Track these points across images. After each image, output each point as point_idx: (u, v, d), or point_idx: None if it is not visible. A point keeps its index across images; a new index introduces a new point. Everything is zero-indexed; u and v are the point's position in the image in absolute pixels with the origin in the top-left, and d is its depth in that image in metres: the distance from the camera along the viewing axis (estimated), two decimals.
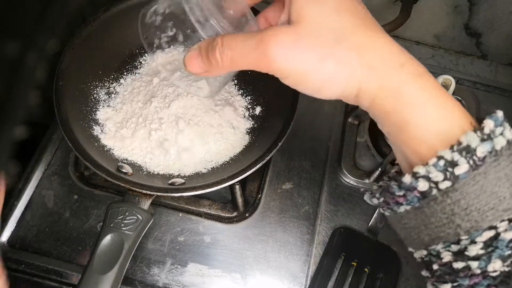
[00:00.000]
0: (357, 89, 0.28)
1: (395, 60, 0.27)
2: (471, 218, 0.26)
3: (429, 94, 0.27)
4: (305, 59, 0.27)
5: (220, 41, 0.28)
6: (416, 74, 0.27)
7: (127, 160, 0.48)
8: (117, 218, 0.41)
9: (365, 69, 0.27)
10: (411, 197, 0.27)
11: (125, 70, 0.55)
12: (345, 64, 0.27)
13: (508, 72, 0.70)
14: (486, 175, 0.25)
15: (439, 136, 0.26)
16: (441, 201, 0.26)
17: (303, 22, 0.27)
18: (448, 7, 0.64)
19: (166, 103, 0.49)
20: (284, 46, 0.27)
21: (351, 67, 0.27)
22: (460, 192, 0.26)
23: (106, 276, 0.38)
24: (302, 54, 0.27)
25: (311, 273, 0.49)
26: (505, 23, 0.64)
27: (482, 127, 0.26)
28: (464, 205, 0.26)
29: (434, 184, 0.26)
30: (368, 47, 0.27)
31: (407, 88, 0.27)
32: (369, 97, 0.28)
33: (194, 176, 0.48)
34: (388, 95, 0.27)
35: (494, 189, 0.25)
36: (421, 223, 0.28)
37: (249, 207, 0.53)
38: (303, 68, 0.27)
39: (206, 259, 0.49)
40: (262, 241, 0.50)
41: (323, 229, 0.52)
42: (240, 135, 0.51)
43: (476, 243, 0.26)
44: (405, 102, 0.27)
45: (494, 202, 0.25)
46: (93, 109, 0.51)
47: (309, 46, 0.27)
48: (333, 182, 0.55)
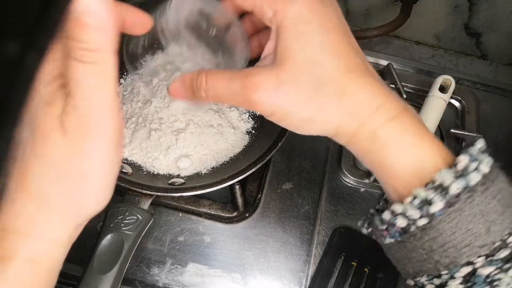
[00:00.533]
0: (335, 130, 0.29)
1: (372, 103, 0.28)
2: (448, 254, 0.26)
3: (404, 134, 0.28)
4: (286, 103, 0.28)
5: (204, 81, 0.30)
6: (392, 116, 0.28)
7: (127, 160, 0.48)
8: (117, 218, 0.41)
9: (343, 114, 0.28)
10: (393, 231, 0.28)
11: (125, 71, 0.55)
12: (323, 109, 0.28)
13: (508, 72, 0.70)
14: (461, 212, 0.26)
15: (413, 175, 0.27)
16: (420, 237, 0.27)
17: (286, 64, 0.28)
18: (448, 7, 0.64)
19: (166, 103, 0.49)
20: (266, 92, 0.28)
21: (329, 112, 0.28)
22: (437, 229, 0.26)
23: (106, 276, 0.38)
24: (283, 99, 0.28)
25: (311, 273, 0.49)
26: (505, 23, 0.64)
27: (456, 163, 0.26)
28: (441, 241, 0.26)
29: (412, 221, 0.27)
30: (346, 92, 0.28)
31: (382, 131, 0.28)
32: (346, 137, 0.29)
33: (194, 176, 0.48)
34: (364, 138, 0.28)
35: (469, 226, 0.26)
36: (405, 256, 0.29)
37: (249, 207, 0.53)
38: (284, 111, 0.28)
39: (206, 259, 0.49)
40: (262, 241, 0.50)
41: (323, 229, 0.52)
42: (240, 135, 0.51)
43: (455, 278, 0.27)
44: (380, 144, 0.28)
45: (470, 238, 0.26)
46: None
47: (290, 92, 0.28)
48: (333, 182, 0.55)
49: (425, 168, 0.27)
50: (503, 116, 0.64)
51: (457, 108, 0.64)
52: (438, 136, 0.59)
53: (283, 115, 0.29)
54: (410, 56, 0.71)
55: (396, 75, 0.60)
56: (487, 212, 0.26)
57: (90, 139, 0.24)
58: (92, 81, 0.23)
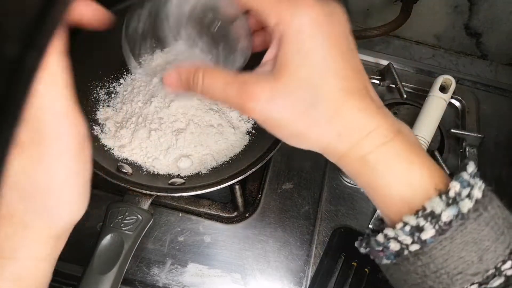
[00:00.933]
0: (324, 148, 0.29)
1: (364, 127, 0.27)
2: (442, 280, 0.26)
3: (394, 159, 0.27)
4: (278, 116, 0.28)
5: (200, 78, 0.29)
6: (384, 141, 0.27)
7: (127, 160, 0.48)
8: (117, 218, 0.41)
9: (334, 135, 0.28)
10: (388, 253, 0.28)
11: (125, 70, 0.55)
12: (313, 127, 0.28)
13: (508, 72, 0.70)
14: (452, 240, 0.25)
15: (404, 202, 0.27)
16: (413, 262, 0.26)
17: (283, 77, 0.27)
18: (448, 7, 0.64)
19: (166, 103, 0.49)
20: (260, 102, 0.28)
21: (320, 131, 0.28)
22: (429, 256, 0.26)
23: (106, 276, 0.38)
24: (275, 111, 0.28)
25: (311, 273, 0.49)
26: (505, 23, 0.64)
27: (447, 190, 0.26)
28: (433, 268, 0.26)
29: (405, 246, 0.26)
30: (339, 114, 0.27)
31: (372, 155, 0.27)
32: (335, 157, 0.29)
33: (194, 176, 0.48)
34: (354, 160, 0.28)
35: (462, 254, 0.25)
36: (401, 277, 0.28)
37: (249, 207, 0.53)
38: (275, 122, 0.28)
39: (206, 259, 0.49)
40: (262, 241, 0.50)
41: (323, 229, 0.52)
42: (240, 135, 0.51)
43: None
44: (370, 168, 0.27)
45: (462, 266, 0.25)
46: (93, 109, 0.51)
47: (283, 106, 0.27)
48: (333, 182, 0.55)
49: (416, 194, 0.26)
50: (503, 116, 0.64)
51: (458, 108, 0.64)
52: (439, 136, 0.59)
53: (274, 126, 0.29)
54: (410, 56, 0.71)
55: (397, 75, 0.60)
56: (480, 239, 0.25)
57: (47, 152, 0.22)
58: (39, 88, 0.20)
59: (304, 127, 0.28)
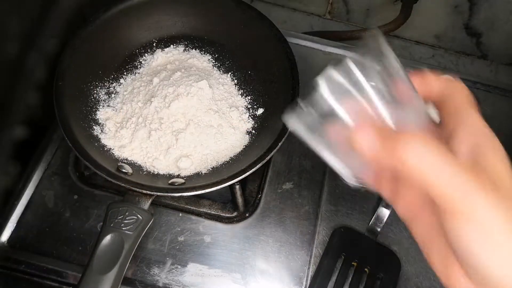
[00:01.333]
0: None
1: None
2: None
3: None
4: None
5: (410, 150, 0.21)
6: None
7: (127, 160, 0.48)
8: (117, 218, 0.41)
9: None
10: None
11: (125, 70, 0.55)
12: None
13: (508, 72, 0.70)
14: None
15: None
16: None
17: (484, 171, 0.22)
18: (448, 7, 0.64)
19: (166, 103, 0.49)
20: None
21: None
22: None
23: (106, 276, 0.38)
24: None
25: (311, 273, 0.49)
26: (505, 23, 0.64)
27: None
28: None
29: None
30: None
31: None
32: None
33: (194, 176, 0.48)
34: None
35: None
36: None
37: (249, 207, 0.53)
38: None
39: (206, 259, 0.49)
40: (262, 241, 0.50)
41: (323, 229, 0.52)
42: (240, 135, 0.51)
43: None
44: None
45: None
46: (93, 109, 0.51)
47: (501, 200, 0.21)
48: (333, 182, 0.55)
49: None
50: (503, 116, 0.64)
51: None
52: None
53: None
54: (410, 56, 0.71)
55: None
56: None
57: None
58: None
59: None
